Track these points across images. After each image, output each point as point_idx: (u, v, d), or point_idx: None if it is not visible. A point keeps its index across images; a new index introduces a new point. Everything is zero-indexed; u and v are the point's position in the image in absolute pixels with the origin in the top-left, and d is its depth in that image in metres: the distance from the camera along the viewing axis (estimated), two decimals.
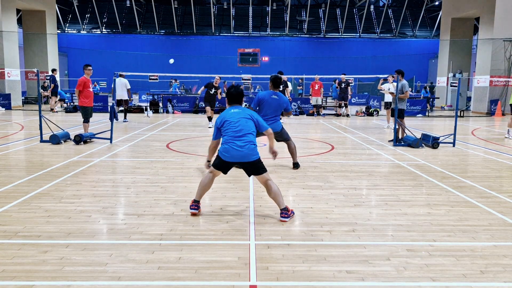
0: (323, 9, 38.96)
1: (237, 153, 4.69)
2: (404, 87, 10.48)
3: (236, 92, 5.02)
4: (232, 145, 4.69)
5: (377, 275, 3.42)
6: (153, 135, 12.01)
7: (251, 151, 4.71)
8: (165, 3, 38.44)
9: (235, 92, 5.01)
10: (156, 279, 3.31)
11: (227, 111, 4.95)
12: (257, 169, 4.79)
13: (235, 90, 5.02)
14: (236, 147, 4.69)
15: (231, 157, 4.72)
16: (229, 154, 4.71)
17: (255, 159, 4.76)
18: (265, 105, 7.46)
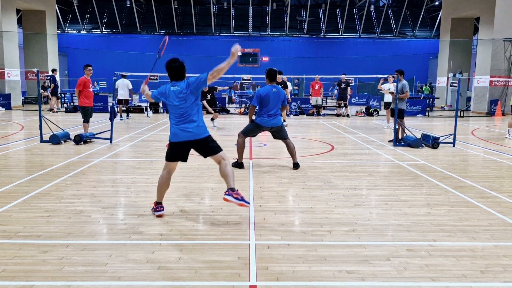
0: (323, 9, 38.97)
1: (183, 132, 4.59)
2: (404, 87, 10.48)
3: (176, 67, 4.72)
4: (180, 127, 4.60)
5: (377, 275, 3.42)
6: (153, 135, 12.01)
7: (197, 129, 4.61)
8: (165, 3, 38.44)
9: (175, 67, 4.72)
10: (156, 279, 3.31)
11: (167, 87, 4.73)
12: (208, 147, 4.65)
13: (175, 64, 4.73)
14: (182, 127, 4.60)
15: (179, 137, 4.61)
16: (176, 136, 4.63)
17: (204, 136, 4.64)
18: (269, 100, 7.41)
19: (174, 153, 4.72)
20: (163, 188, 4.80)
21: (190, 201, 5.44)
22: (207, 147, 4.67)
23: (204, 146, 4.67)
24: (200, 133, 4.63)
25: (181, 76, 4.72)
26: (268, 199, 5.55)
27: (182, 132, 4.60)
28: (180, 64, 4.73)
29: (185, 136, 4.61)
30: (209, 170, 7.29)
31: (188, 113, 4.61)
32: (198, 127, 4.61)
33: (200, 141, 4.64)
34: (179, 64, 4.73)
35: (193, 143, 4.66)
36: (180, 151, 4.70)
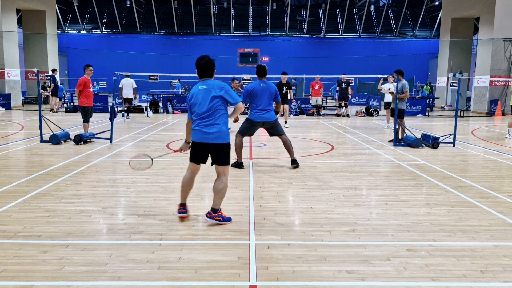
0: (323, 9, 38.96)
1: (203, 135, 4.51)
2: (404, 87, 10.49)
3: (204, 63, 4.57)
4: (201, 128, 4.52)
5: (377, 275, 3.42)
6: (153, 135, 12.01)
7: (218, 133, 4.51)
8: (165, 3, 38.44)
9: (203, 63, 4.57)
10: (156, 279, 3.31)
11: (195, 87, 4.63)
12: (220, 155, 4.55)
13: (203, 61, 4.56)
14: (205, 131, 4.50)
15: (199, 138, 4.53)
16: (196, 135, 4.55)
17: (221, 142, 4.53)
18: (257, 96, 7.40)
19: (194, 153, 4.64)
20: (186, 189, 4.71)
21: (190, 201, 5.43)
22: (218, 154, 4.56)
23: (216, 153, 4.56)
24: (217, 139, 4.51)
25: (209, 73, 4.60)
26: (268, 199, 5.55)
27: (201, 134, 4.51)
28: (208, 61, 4.57)
29: (203, 138, 4.51)
30: (209, 170, 7.28)
31: (211, 116, 4.50)
32: (218, 132, 4.50)
33: (215, 146, 4.53)
34: (207, 61, 4.58)
35: (208, 146, 4.55)
36: (198, 151, 4.61)
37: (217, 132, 4.51)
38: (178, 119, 17.12)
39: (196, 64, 4.60)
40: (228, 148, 4.60)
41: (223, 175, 4.59)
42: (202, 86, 4.57)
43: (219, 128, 4.52)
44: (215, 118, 4.52)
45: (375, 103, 23.08)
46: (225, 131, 4.57)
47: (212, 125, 4.51)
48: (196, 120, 4.57)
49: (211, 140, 4.51)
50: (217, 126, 4.51)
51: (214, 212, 4.52)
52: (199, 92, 4.56)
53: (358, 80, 32.81)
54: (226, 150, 4.58)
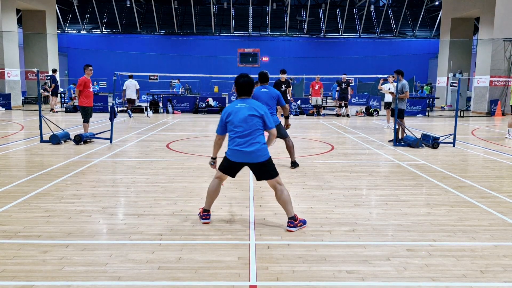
0: (323, 9, 38.97)
1: (243, 154, 4.45)
2: (404, 87, 10.48)
3: (244, 82, 4.54)
4: (240, 148, 4.44)
5: (377, 275, 3.42)
6: (153, 135, 12.01)
7: (259, 152, 4.44)
8: (165, 3, 38.45)
9: (243, 82, 4.54)
10: (156, 279, 3.31)
11: (234, 104, 4.57)
12: (265, 171, 4.50)
13: (243, 79, 4.54)
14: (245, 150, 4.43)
15: (237, 158, 4.49)
16: (235, 155, 4.50)
17: (264, 160, 4.47)
18: (258, 99, 7.41)
19: (227, 167, 4.60)
20: (213, 195, 4.66)
21: (190, 201, 5.44)
22: (263, 172, 4.52)
23: (260, 169, 4.52)
24: (259, 157, 4.45)
25: (248, 92, 4.56)
26: (268, 199, 5.55)
27: (241, 154, 4.44)
28: (248, 80, 4.54)
29: (242, 158, 4.46)
30: (209, 170, 7.29)
31: (251, 135, 4.44)
32: (258, 150, 4.43)
33: (257, 164, 4.49)
34: (247, 80, 4.54)
35: (249, 165, 4.54)
36: (232, 168, 4.59)
37: (258, 150, 4.45)
38: (178, 119, 17.13)
39: (236, 82, 4.58)
40: (270, 162, 4.53)
41: (278, 185, 4.51)
42: (241, 104, 4.49)
43: (259, 146, 4.45)
44: (254, 137, 4.45)
45: (375, 103, 23.08)
46: (265, 147, 4.50)
47: (252, 143, 4.45)
48: (235, 139, 4.48)
49: (252, 159, 4.47)
50: (257, 145, 4.44)
51: (294, 220, 4.44)
52: (239, 110, 4.50)
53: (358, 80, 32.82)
54: (269, 164, 4.52)
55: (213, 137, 4.82)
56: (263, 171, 4.50)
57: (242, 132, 4.45)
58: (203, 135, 12.22)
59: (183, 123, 15.59)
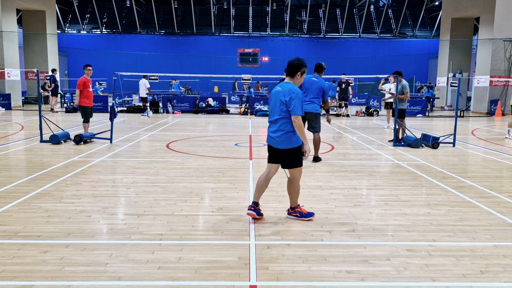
0: (323, 9, 38.97)
1: (270, 138, 4.61)
2: (405, 87, 10.46)
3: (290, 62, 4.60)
4: (269, 132, 4.63)
5: (377, 275, 3.42)
6: (153, 135, 12.01)
7: (280, 138, 4.50)
8: (165, 3, 38.45)
9: (290, 62, 4.61)
10: (156, 279, 3.31)
11: (276, 87, 4.67)
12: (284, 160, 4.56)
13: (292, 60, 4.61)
14: (269, 133, 4.61)
15: (268, 141, 4.65)
16: (267, 138, 4.68)
17: (284, 147, 4.50)
18: (303, 87, 7.76)
19: (268, 154, 4.75)
20: (261, 189, 4.75)
21: (190, 201, 5.44)
22: (283, 160, 4.60)
23: (281, 157, 4.60)
24: (279, 143, 4.52)
25: (289, 72, 4.59)
26: (268, 199, 5.55)
27: (269, 137, 4.63)
28: (294, 61, 4.59)
29: (270, 141, 4.63)
30: (209, 170, 7.30)
31: (277, 122, 4.53)
32: (280, 137, 4.50)
33: (279, 150, 4.57)
34: (294, 61, 4.61)
35: (275, 150, 4.63)
36: (269, 152, 4.73)
37: (280, 137, 4.51)
38: (178, 119, 17.13)
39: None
40: (292, 153, 4.53)
41: (292, 176, 4.64)
42: (278, 88, 4.61)
43: (282, 134, 4.50)
44: (280, 124, 4.51)
45: (375, 103, 23.06)
46: (289, 136, 4.50)
47: (277, 130, 4.53)
48: (269, 122, 4.67)
49: (274, 144, 4.58)
50: (281, 132, 4.50)
51: (291, 209, 4.73)
52: (273, 94, 4.63)
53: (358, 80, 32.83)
54: (289, 154, 4.54)
55: (212, 137, 4.82)
56: (282, 157, 4.59)
57: (271, 117, 4.60)
58: (203, 135, 12.21)
59: (183, 123, 15.59)
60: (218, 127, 14.57)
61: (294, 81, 4.62)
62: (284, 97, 4.47)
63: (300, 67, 4.59)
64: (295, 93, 4.45)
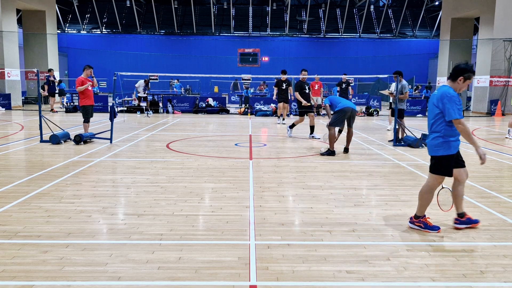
0: (323, 9, 38.98)
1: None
2: (404, 87, 10.52)
3: (456, 65, 4.33)
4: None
5: (377, 275, 3.42)
6: (153, 135, 12.01)
7: (431, 144, 4.40)
8: (165, 3, 38.45)
9: (455, 65, 4.35)
10: (156, 279, 3.31)
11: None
12: (431, 166, 4.48)
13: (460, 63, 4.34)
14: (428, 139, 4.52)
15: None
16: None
17: (431, 154, 4.41)
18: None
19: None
20: (455, 198, 4.66)
21: (190, 201, 5.44)
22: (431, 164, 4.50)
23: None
24: (430, 150, 4.47)
25: (452, 76, 4.34)
26: (268, 199, 5.55)
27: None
28: (460, 66, 4.28)
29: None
30: (209, 170, 7.30)
31: (432, 126, 4.44)
32: (429, 142, 4.47)
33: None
34: (458, 64, 4.34)
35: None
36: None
37: (429, 142, 4.48)
38: (178, 119, 17.13)
39: None
40: (437, 159, 4.40)
41: (428, 181, 4.53)
42: (435, 92, 4.46)
43: (431, 139, 4.44)
44: (432, 129, 4.44)
45: (375, 103, 23.05)
46: (437, 143, 4.34)
47: (430, 135, 4.49)
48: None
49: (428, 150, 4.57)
50: (431, 136, 4.44)
51: (415, 218, 4.50)
52: (430, 98, 4.54)
53: (358, 80, 32.82)
54: (435, 161, 4.45)
55: (212, 137, 4.82)
56: (431, 163, 4.49)
57: (428, 122, 4.53)
58: (203, 135, 12.21)
59: (183, 123, 15.59)
60: (218, 127, 14.57)
61: (455, 85, 4.30)
62: (437, 101, 4.30)
63: (464, 71, 4.23)
64: (448, 96, 4.20)
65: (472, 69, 4.28)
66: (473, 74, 4.29)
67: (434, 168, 4.44)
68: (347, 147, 9.20)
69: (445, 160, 4.36)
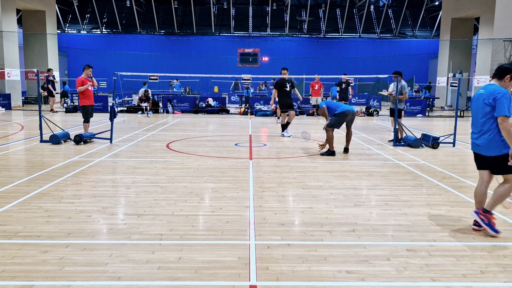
0: (323, 9, 38.97)
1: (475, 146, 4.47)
2: (404, 88, 10.52)
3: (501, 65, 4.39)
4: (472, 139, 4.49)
5: (377, 275, 3.42)
6: (153, 135, 12.01)
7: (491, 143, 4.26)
8: (165, 3, 38.45)
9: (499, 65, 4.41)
10: (156, 279, 3.31)
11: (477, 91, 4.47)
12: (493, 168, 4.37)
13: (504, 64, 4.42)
14: (474, 142, 4.46)
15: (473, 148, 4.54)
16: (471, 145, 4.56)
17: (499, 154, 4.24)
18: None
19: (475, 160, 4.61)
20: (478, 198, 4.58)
21: (190, 201, 5.44)
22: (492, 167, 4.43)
23: (490, 164, 4.42)
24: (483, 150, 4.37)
25: (497, 75, 4.35)
26: (268, 199, 5.55)
27: (472, 144, 4.52)
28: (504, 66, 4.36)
29: (474, 148, 4.52)
30: (209, 170, 7.30)
31: (482, 125, 4.34)
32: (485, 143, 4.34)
33: (485, 157, 4.40)
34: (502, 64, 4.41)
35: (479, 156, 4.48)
36: (475, 159, 4.60)
37: (484, 143, 4.34)
38: (178, 119, 17.13)
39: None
40: (498, 160, 4.31)
41: (507, 182, 4.41)
42: (480, 91, 4.42)
43: (485, 139, 4.32)
44: (484, 129, 4.33)
45: (375, 103, 23.05)
46: (499, 140, 4.25)
47: (481, 136, 4.37)
48: (471, 128, 4.51)
49: (479, 150, 4.43)
50: (484, 137, 4.32)
51: (482, 211, 4.39)
52: (475, 97, 4.48)
53: (358, 80, 32.81)
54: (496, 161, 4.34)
55: (212, 137, 4.82)
56: (491, 165, 4.37)
57: (474, 122, 4.44)
58: (203, 135, 12.21)
59: (183, 123, 15.58)
60: (218, 127, 14.57)
61: (502, 84, 4.32)
62: (487, 99, 4.25)
63: (510, 71, 4.30)
64: (501, 93, 4.20)
65: None
66: None
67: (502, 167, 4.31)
68: (347, 147, 9.27)
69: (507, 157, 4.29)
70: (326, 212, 5.05)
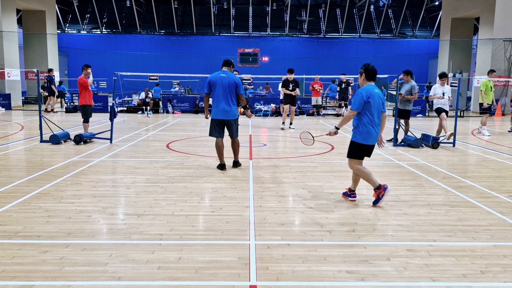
0: (323, 9, 38.96)
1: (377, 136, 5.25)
2: (414, 88, 10.15)
3: (372, 68, 5.28)
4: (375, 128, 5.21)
5: (377, 275, 3.42)
6: (153, 135, 12.01)
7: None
8: (165, 3, 38.44)
9: (371, 68, 5.28)
10: (156, 279, 3.31)
11: (373, 88, 5.25)
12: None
13: (371, 66, 5.31)
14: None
15: (374, 140, 5.27)
16: (372, 137, 5.21)
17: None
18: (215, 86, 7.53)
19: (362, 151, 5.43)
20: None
21: (190, 201, 5.44)
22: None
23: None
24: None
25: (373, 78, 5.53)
26: (268, 199, 5.55)
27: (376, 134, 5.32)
28: (373, 67, 5.42)
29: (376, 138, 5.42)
30: (209, 170, 7.30)
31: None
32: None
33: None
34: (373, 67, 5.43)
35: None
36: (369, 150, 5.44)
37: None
38: (178, 119, 17.13)
39: (365, 68, 5.39)
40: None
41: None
42: (377, 91, 5.30)
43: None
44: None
45: None
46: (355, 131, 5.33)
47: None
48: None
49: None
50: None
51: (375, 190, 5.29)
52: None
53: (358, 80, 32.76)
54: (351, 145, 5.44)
55: (212, 138, 4.82)
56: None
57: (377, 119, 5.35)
58: (203, 135, 12.21)
59: (183, 123, 15.58)
60: None
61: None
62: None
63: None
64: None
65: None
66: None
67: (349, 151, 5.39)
68: (235, 160, 7.83)
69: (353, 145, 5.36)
70: (326, 212, 5.05)
